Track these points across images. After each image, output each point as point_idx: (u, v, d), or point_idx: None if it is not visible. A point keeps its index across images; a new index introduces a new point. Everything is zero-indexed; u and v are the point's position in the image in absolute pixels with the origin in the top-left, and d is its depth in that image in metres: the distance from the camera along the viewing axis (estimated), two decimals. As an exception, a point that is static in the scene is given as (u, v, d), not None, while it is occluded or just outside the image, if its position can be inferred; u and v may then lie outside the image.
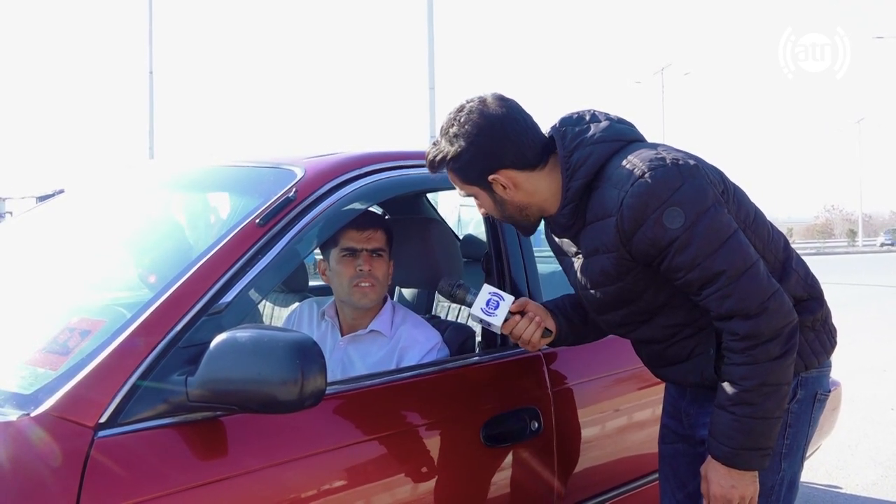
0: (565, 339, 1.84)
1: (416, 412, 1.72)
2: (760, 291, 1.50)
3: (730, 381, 1.53)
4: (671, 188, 1.50)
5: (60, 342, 1.44)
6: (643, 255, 1.55)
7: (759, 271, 1.52)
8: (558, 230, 1.70)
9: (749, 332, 1.49)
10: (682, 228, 1.49)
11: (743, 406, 1.52)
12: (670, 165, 1.52)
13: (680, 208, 1.49)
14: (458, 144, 1.59)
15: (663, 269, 1.55)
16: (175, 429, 1.34)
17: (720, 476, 1.57)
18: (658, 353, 1.73)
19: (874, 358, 7.00)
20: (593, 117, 1.65)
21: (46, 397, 1.27)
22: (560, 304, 1.86)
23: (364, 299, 2.02)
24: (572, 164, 1.59)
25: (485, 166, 1.60)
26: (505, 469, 1.83)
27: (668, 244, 1.51)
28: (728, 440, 1.54)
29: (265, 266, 1.53)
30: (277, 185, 1.68)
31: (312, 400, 1.30)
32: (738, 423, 1.52)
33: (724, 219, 1.53)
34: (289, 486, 1.44)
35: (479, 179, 1.62)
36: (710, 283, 1.51)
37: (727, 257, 1.50)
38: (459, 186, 1.67)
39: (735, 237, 1.52)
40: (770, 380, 1.51)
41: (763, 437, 1.54)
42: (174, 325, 1.38)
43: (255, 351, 1.30)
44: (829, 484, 3.91)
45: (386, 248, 2.06)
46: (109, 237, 2.02)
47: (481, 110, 1.59)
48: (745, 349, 1.50)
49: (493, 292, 1.74)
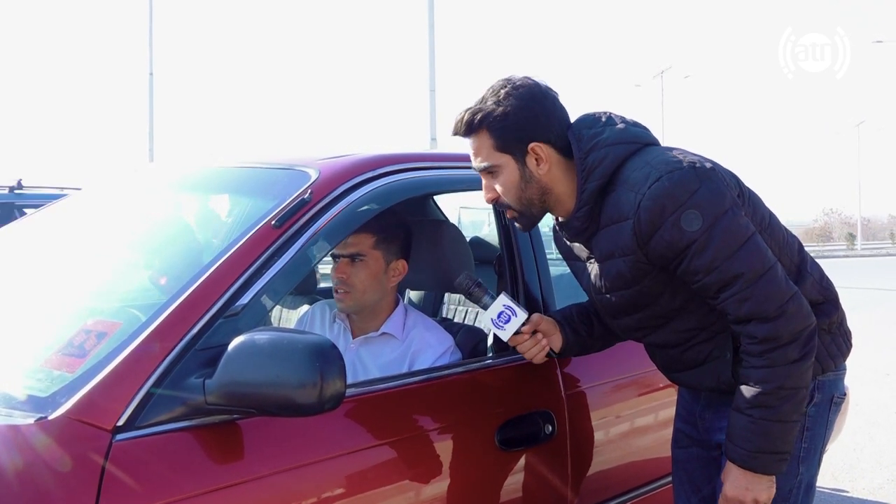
0: (570, 349, 1.85)
1: (431, 416, 1.71)
2: (779, 294, 1.49)
3: (747, 385, 1.52)
4: (689, 191, 1.49)
5: (76, 344, 1.42)
6: (660, 257, 1.54)
7: (777, 274, 1.51)
8: (571, 234, 1.69)
9: (767, 335, 1.49)
10: (700, 231, 1.48)
11: (760, 409, 1.51)
12: (687, 168, 1.51)
13: (697, 211, 1.48)
14: (509, 104, 1.58)
15: (680, 272, 1.54)
16: (192, 432, 1.33)
17: (735, 478, 1.56)
18: (674, 358, 1.72)
19: (877, 362, 7.00)
20: (609, 120, 1.64)
21: (63, 400, 1.26)
22: (568, 314, 1.86)
23: (340, 305, 2.03)
24: (588, 166, 1.58)
25: (528, 133, 1.59)
26: (519, 472, 1.82)
27: (685, 247, 1.50)
28: (745, 443, 1.53)
29: (281, 268, 1.52)
30: (292, 187, 1.67)
31: (332, 403, 1.29)
32: (755, 426, 1.52)
33: (742, 221, 1.52)
34: (305, 489, 1.43)
35: (516, 146, 1.59)
36: (728, 287, 1.50)
37: (745, 260, 1.49)
38: (486, 154, 1.61)
39: (753, 240, 1.51)
40: (788, 383, 1.50)
41: (780, 441, 1.53)
42: (191, 328, 1.37)
43: (274, 353, 1.29)
44: (836, 487, 3.91)
45: (370, 252, 1.99)
46: (122, 239, 2.01)
47: (536, 82, 1.62)
48: (763, 352, 1.50)
49: (507, 305, 1.73)
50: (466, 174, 1.96)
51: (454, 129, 1.64)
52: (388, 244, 2.03)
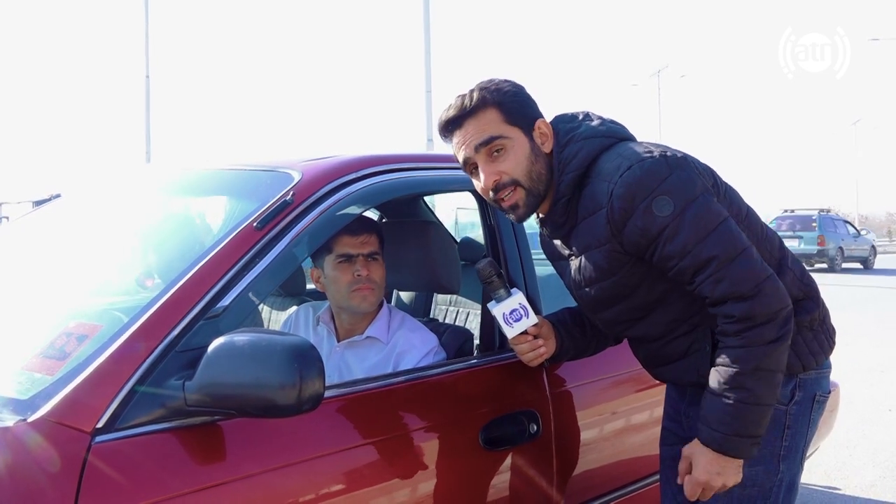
0: (566, 353, 1.87)
1: (415, 415, 1.71)
2: (754, 274, 1.51)
3: (724, 365, 1.52)
4: (659, 178, 1.52)
5: (57, 347, 1.43)
6: (635, 245, 1.56)
7: (752, 255, 1.53)
8: (552, 229, 1.72)
9: (744, 313, 1.49)
10: (672, 216, 1.51)
11: (737, 391, 1.50)
12: (658, 157, 1.55)
13: (668, 197, 1.52)
14: (511, 85, 1.65)
15: (656, 259, 1.56)
16: (173, 433, 1.33)
17: (707, 461, 1.56)
18: (654, 352, 1.73)
19: (871, 359, 7.01)
20: (586, 116, 1.70)
21: (43, 402, 1.26)
22: (561, 317, 1.89)
23: (364, 303, 2.01)
24: (563, 159, 1.63)
25: (534, 109, 1.66)
26: (504, 472, 1.82)
27: (658, 233, 1.52)
28: (720, 425, 1.53)
29: (263, 269, 1.52)
30: (274, 189, 1.67)
31: (311, 404, 1.30)
32: (731, 408, 1.51)
33: (714, 207, 1.54)
34: (287, 490, 1.43)
35: (524, 121, 1.64)
36: (702, 270, 1.51)
37: (718, 243, 1.51)
38: (495, 128, 1.61)
39: (726, 224, 1.53)
40: (764, 364, 1.50)
41: (754, 425, 1.53)
42: (171, 329, 1.38)
43: (253, 355, 1.29)
44: (828, 485, 3.91)
45: (380, 252, 2.05)
46: (106, 241, 2.02)
47: None
48: (739, 331, 1.50)
49: (522, 305, 1.74)
50: (452, 175, 1.98)
51: (454, 112, 1.63)
52: (383, 246, 2.07)
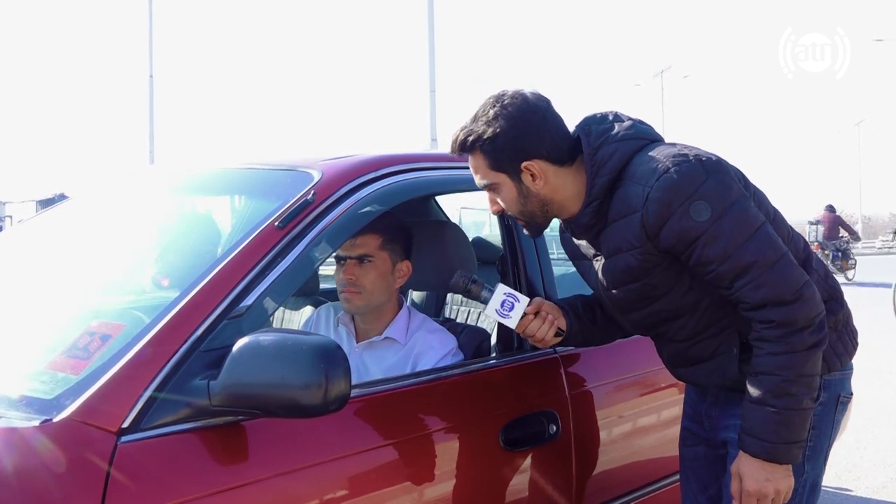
0: (574, 337, 1.83)
1: (436, 416, 1.71)
2: (794, 279, 1.50)
3: (766, 373, 1.51)
4: (696, 182, 1.51)
5: (81, 346, 1.42)
6: (671, 249, 1.55)
7: (790, 260, 1.52)
8: (579, 230, 1.69)
9: (784, 318, 1.48)
10: (710, 221, 1.50)
11: (782, 398, 1.50)
12: (694, 161, 1.53)
13: (706, 202, 1.50)
14: (498, 125, 1.59)
15: (692, 263, 1.54)
16: (197, 434, 1.32)
17: (755, 471, 1.55)
18: (681, 352, 1.72)
19: (879, 360, 6.98)
20: (616, 117, 1.67)
21: (68, 402, 1.26)
22: (572, 302, 1.86)
23: (347, 305, 2.02)
24: (597, 161, 1.60)
25: (521, 152, 1.60)
26: (524, 472, 1.81)
27: (695, 238, 1.51)
28: (769, 435, 1.52)
29: (285, 269, 1.52)
30: (295, 188, 1.66)
31: (337, 404, 1.29)
32: (779, 417, 1.50)
33: (752, 211, 1.54)
34: (310, 490, 1.43)
35: (510, 165, 1.61)
36: (742, 275, 1.50)
37: (757, 248, 1.50)
38: (483, 173, 1.64)
39: (763, 229, 1.53)
40: (806, 370, 1.50)
41: (800, 430, 1.53)
42: (195, 330, 1.37)
43: (279, 355, 1.28)
44: (839, 486, 3.90)
45: (378, 253, 1.99)
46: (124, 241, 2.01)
47: (525, 97, 1.61)
48: (780, 337, 1.49)
49: (508, 293, 1.73)
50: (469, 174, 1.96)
51: (451, 149, 1.67)
52: (393, 245, 2.04)
